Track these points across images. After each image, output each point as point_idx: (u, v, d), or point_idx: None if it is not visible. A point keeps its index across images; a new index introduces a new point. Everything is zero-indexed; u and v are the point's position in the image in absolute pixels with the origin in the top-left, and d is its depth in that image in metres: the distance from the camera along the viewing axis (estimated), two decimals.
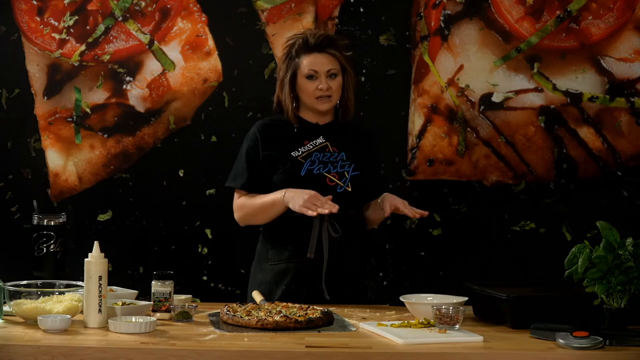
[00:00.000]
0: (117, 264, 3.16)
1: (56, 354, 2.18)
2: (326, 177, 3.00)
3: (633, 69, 3.90)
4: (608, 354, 2.23)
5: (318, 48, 3.01)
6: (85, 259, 2.45)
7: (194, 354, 2.18)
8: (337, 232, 2.95)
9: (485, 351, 2.24)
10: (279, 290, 2.96)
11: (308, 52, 3.02)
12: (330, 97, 3.02)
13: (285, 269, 2.98)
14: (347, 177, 3.01)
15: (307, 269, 2.95)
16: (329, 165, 3.02)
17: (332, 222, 2.95)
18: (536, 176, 3.93)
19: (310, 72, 3.00)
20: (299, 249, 2.96)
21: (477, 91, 3.92)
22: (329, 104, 3.03)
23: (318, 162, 3.02)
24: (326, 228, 2.94)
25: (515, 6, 3.90)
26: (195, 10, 3.91)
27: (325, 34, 3.07)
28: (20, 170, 3.93)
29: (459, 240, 3.93)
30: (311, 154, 3.02)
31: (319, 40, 3.02)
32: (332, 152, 3.04)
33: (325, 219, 2.94)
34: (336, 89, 3.03)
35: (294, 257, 2.97)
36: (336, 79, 3.02)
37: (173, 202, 3.93)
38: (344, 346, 2.24)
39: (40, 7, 3.91)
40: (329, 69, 3.01)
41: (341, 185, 3.00)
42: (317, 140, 3.05)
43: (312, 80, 3.01)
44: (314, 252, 2.93)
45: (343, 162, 3.03)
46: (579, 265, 2.41)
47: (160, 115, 3.94)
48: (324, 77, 3.00)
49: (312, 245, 2.94)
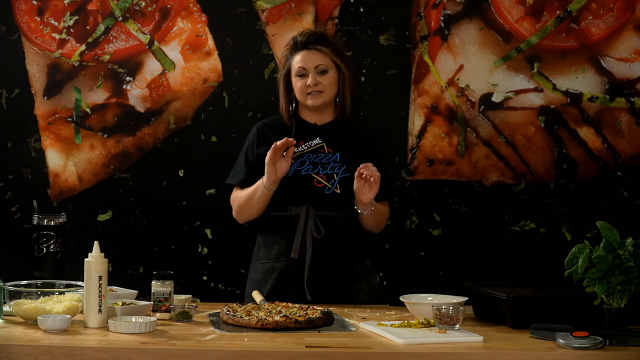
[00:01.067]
0: (117, 264, 3.16)
1: (56, 354, 2.18)
2: (314, 179, 3.01)
3: (633, 69, 3.90)
4: (608, 354, 2.23)
5: (306, 45, 3.04)
6: (85, 259, 2.45)
7: (194, 354, 2.18)
8: (319, 233, 2.96)
9: (485, 351, 2.25)
10: (265, 289, 2.98)
11: (298, 50, 3.05)
12: (322, 92, 3.02)
13: (272, 268, 3.01)
14: (336, 179, 3.01)
15: (292, 269, 2.98)
16: (319, 166, 3.03)
17: (317, 223, 2.96)
18: (536, 176, 3.93)
19: (299, 69, 3.03)
20: (285, 248, 2.99)
21: (477, 91, 3.92)
22: (319, 99, 3.03)
23: (308, 162, 3.03)
24: (310, 229, 2.95)
25: (515, 6, 3.90)
26: (195, 10, 3.91)
27: (314, 31, 3.11)
28: (20, 170, 3.93)
29: (459, 240, 3.93)
30: (303, 155, 3.03)
31: (307, 37, 3.05)
32: (327, 154, 3.04)
33: (310, 219, 2.96)
34: (328, 84, 3.03)
35: (280, 256, 3.00)
36: (327, 74, 3.03)
37: (173, 202, 3.93)
38: (344, 346, 2.24)
39: (40, 7, 3.91)
40: (317, 64, 3.02)
41: (329, 186, 3.00)
42: (314, 141, 3.05)
43: (302, 78, 3.03)
44: (297, 253, 2.95)
45: (335, 164, 3.03)
46: (579, 265, 2.41)
47: (160, 115, 3.94)
48: (312, 73, 3.02)
49: (295, 245, 2.97)
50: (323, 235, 2.96)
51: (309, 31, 3.10)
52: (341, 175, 3.02)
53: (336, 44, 3.10)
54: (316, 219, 2.97)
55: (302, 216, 2.97)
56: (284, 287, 2.96)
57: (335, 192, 3.00)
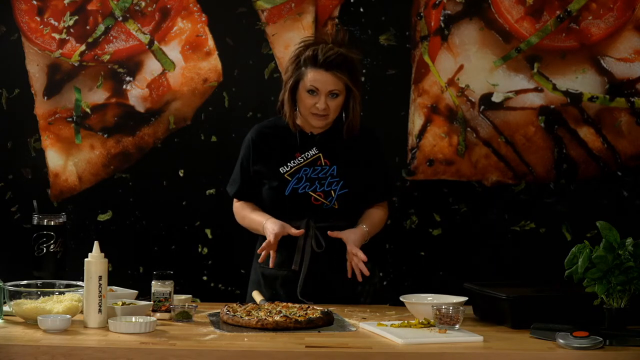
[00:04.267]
0: (117, 264, 3.16)
1: (56, 354, 2.18)
2: (311, 197, 2.98)
3: (633, 69, 3.90)
4: (608, 354, 2.23)
5: (325, 66, 2.91)
6: (85, 259, 2.45)
7: (194, 354, 2.19)
8: (320, 247, 2.95)
9: (485, 351, 2.25)
10: (267, 293, 2.99)
11: (315, 66, 2.92)
12: (327, 116, 2.96)
13: (274, 275, 3.01)
14: (334, 196, 2.99)
15: (291, 279, 2.97)
16: (316, 182, 2.99)
17: (317, 236, 2.95)
18: (536, 176, 3.93)
19: (312, 87, 2.93)
20: (286, 259, 2.97)
21: (477, 91, 3.91)
22: (324, 122, 2.98)
23: (305, 179, 2.98)
24: (309, 242, 2.95)
25: (515, 6, 3.90)
26: (195, 10, 3.91)
27: (336, 52, 2.93)
28: (20, 170, 3.93)
29: (459, 240, 3.93)
30: (299, 170, 3.00)
31: (327, 57, 2.91)
32: (324, 166, 3.00)
33: (310, 230, 2.95)
34: (335, 107, 2.96)
35: (281, 266, 2.98)
36: (337, 98, 2.94)
37: (173, 202, 3.93)
38: (344, 346, 2.24)
39: (40, 7, 3.91)
40: (331, 89, 2.92)
41: (327, 203, 2.99)
42: (310, 153, 3.01)
43: (312, 96, 2.93)
44: (299, 265, 2.95)
45: (332, 179, 2.98)
46: (579, 265, 2.41)
47: (160, 115, 3.94)
48: (324, 97, 2.92)
49: (297, 258, 2.95)
50: (324, 249, 2.96)
51: (331, 51, 2.93)
52: (339, 192, 2.99)
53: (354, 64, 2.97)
54: (316, 232, 2.97)
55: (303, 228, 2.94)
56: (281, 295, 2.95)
57: (334, 208, 2.99)
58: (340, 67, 2.92)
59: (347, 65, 2.95)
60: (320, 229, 2.96)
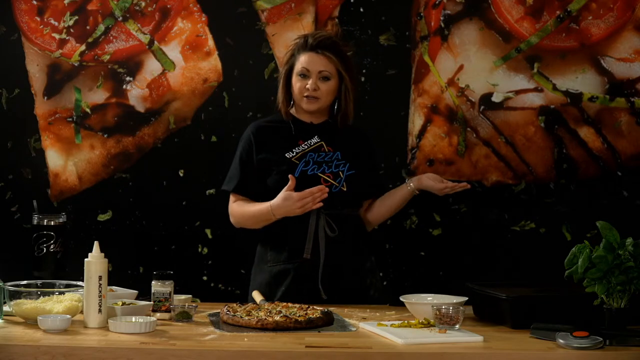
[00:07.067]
0: (117, 264, 3.16)
1: (56, 354, 2.18)
2: (320, 178, 3.00)
3: (633, 69, 3.91)
4: (608, 354, 2.23)
5: (315, 48, 3.00)
6: (85, 259, 2.45)
7: (194, 354, 2.19)
8: (333, 231, 2.96)
9: (485, 351, 2.25)
10: (278, 292, 2.97)
11: (305, 50, 3.02)
12: (318, 99, 3.00)
13: (284, 270, 2.99)
14: (342, 177, 3.01)
15: (305, 270, 2.96)
16: (324, 165, 3.02)
17: (329, 221, 2.96)
18: (536, 176, 3.93)
19: (302, 70, 3.00)
20: (297, 250, 2.97)
21: (477, 91, 3.92)
22: (315, 105, 3.01)
23: (312, 162, 3.02)
24: (322, 227, 2.95)
25: (515, 6, 3.90)
26: (195, 10, 3.91)
27: (327, 35, 3.05)
28: (20, 170, 3.93)
29: (459, 240, 3.93)
30: (305, 154, 3.03)
31: (318, 40, 3.01)
32: (327, 152, 3.04)
33: (321, 218, 2.95)
34: (326, 91, 3.01)
35: (292, 258, 2.98)
36: (328, 82, 3.00)
37: (173, 202, 3.93)
38: (344, 346, 2.24)
39: (40, 7, 3.91)
40: (321, 69, 2.99)
41: (336, 185, 3.00)
42: (312, 140, 3.05)
43: (303, 79, 3.00)
44: (310, 253, 2.95)
45: (338, 162, 3.03)
46: (579, 265, 2.41)
47: (160, 115, 3.94)
48: (314, 77, 2.99)
49: (308, 246, 2.96)
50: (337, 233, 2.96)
51: (322, 35, 3.05)
52: (347, 172, 3.02)
53: (345, 52, 3.05)
54: (327, 218, 2.97)
55: (312, 216, 2.96)
56: (297, 288, 2.94)
57: (342, 190, 3.00)
58: (330, 49, 3.01)
59: (338, 49, 3.03)
60: (330, 215, 2.97)
